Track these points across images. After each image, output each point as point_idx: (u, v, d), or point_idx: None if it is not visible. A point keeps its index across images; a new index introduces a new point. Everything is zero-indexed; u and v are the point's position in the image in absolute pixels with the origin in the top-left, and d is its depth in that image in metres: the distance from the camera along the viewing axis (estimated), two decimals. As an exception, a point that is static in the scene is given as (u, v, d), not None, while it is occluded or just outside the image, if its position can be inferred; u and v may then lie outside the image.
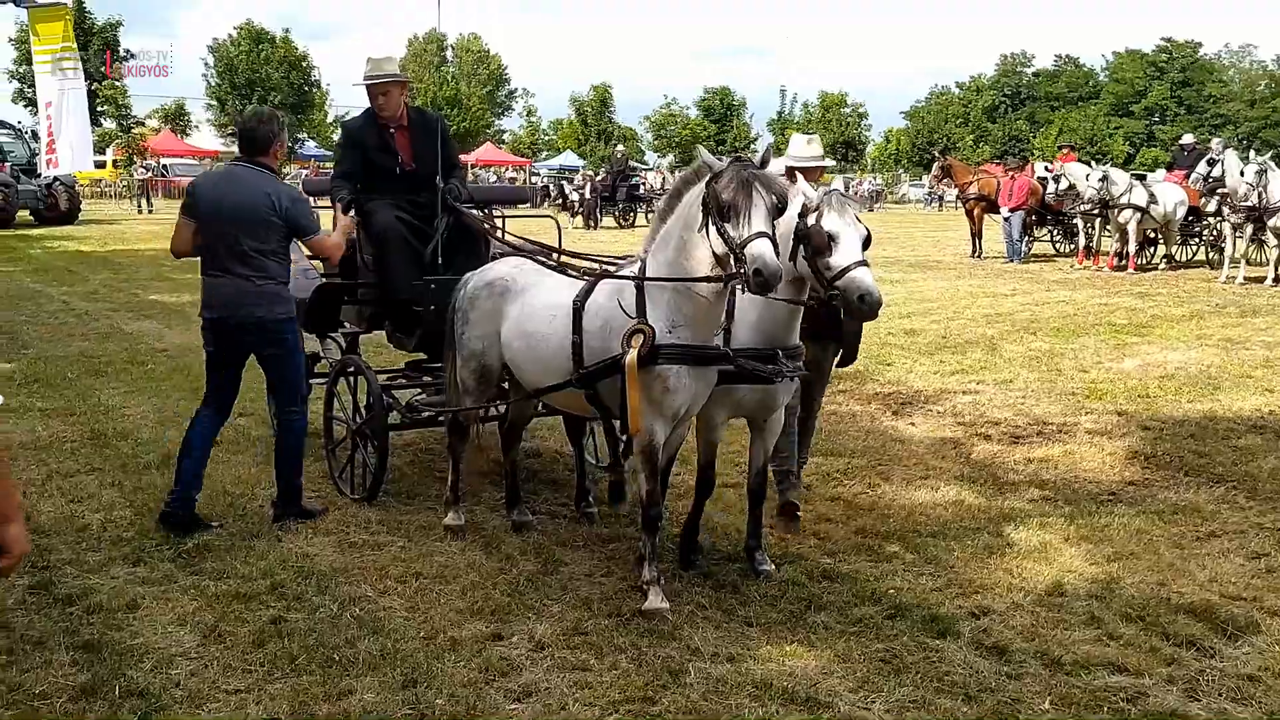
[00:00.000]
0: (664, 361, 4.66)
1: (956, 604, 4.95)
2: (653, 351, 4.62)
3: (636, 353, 4.61)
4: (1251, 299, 15.96)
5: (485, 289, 5.66)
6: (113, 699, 3.96)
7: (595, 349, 4.95)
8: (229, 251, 5.67)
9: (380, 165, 6.54)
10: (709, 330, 4.76)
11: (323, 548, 5.56)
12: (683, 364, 4.70)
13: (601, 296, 5.02)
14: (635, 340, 4.64)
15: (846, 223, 4.69)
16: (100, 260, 21.07)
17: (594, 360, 4.94)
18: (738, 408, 5.23)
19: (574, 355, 5.02)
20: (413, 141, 6.58)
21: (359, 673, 4.20)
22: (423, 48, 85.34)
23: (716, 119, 76.34)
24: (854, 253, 4.64)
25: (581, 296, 5.08)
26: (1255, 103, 77.51)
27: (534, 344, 5.29)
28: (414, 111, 6.78)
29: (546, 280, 5.49)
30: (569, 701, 4.02)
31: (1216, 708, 4.01)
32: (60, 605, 4.77)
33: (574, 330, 5.02)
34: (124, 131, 48.64)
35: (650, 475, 4.92)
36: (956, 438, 7.99)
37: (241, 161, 5.87)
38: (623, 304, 4.83)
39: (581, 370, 4.99)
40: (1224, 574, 5.27)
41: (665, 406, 4.77)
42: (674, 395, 4.75)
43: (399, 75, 6.68)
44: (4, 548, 2.46)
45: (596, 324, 4.97)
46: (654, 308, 4.75)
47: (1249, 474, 6.92)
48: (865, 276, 4.59)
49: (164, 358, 10.74)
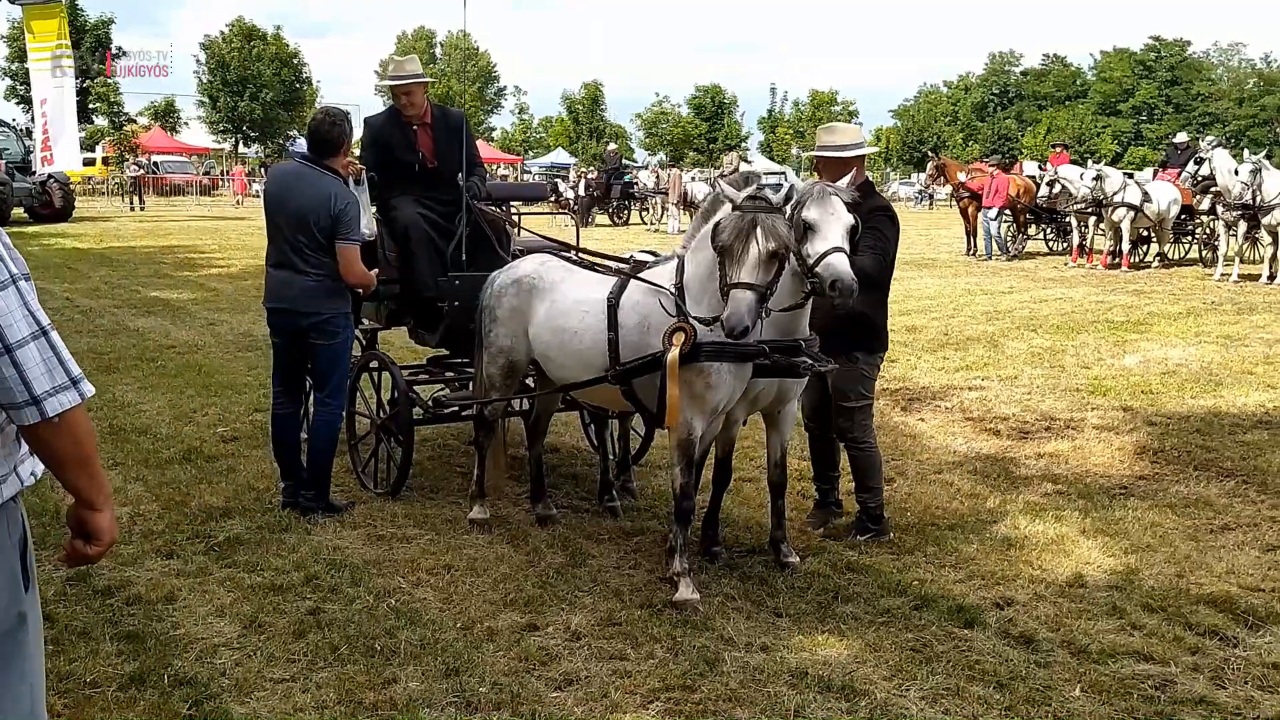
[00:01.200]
0: (706, 358, 4.76)
1: (980, 595, 5.04)
2: (695, 349, 4.72)
3: (678, 350, 4.70)
4: (1247, 296, 16.12)
5: (512, 286, 5.73)
6: (162, 688, 4.02)
7: (632, 344, 5.05)
8: (290, 247, 5.83)
9: (403, 162, 6.61)
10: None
11: (353, 541, 5.63)
12: (724, 360, 4.80)
13: (637, 293, 5.12)
14: (677, 338, 4.74)
15: (827, 212, 4.77)
16: (98, 257, 21.04)
17: (631, 356, 5.05)
18: (755, 403, 5.33)
19: (610, 351, 5.12)
20: (435, 139, 6.65)
21: (401, 662, 4.27)
22: (411, 44, 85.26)
23: (708, 117, 76.44)
24: (831, 239, 4.71)
25: (616, 293, 5.18)
26: (1244, 101, 77.92)
27: (566, 339, 5.38)
28: (437, 110, 6.85)
29: (575, 275, 5.58)
30: (610, 690, 4.10)
31: (1244, 695, 4.10)
32: (100, 597, 4.82)
33: (609, 327, 5.12)
34: (115, 129, 48.45)
35: (685, 468, 5.02)
36: (965, 433, 8.09)
37: (309, 162, 5.95)
38: (663, 302, 4.93)
39: (619, 366, 5.08)
40: (1241, 566, 5.37)
41: (706, 402, 4.89)
42: (715, 391, 4.87)
43: (423, 76, 6.75)
44: (94, 535, 2.52)
45: (633, 320, 5.07)
46: (695, 306, 4.85)
47: (1258, 468, 7.03)
48: (838, 262, 4.67)
49: (173, 354, 10.78)
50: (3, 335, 2.26)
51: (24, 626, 2.46)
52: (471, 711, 3.94)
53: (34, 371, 2.28)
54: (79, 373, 2.36)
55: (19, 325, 2.28)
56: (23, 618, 2.46)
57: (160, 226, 30.34)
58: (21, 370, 2.27)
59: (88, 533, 2.52)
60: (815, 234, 4.74)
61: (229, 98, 47.64)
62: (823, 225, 4.75)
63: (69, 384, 2.34)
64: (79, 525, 2.52)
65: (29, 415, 2.29)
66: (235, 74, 47.15)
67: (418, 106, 6.65)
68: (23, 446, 2.46)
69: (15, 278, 2.32)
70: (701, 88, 79.19)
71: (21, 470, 2.48)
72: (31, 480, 2.51)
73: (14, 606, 2.43)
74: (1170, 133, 38.34)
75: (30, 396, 2.28)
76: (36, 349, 2.29)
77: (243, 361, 10.47)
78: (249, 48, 47.72)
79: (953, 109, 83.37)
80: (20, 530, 2.48)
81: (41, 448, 2.40)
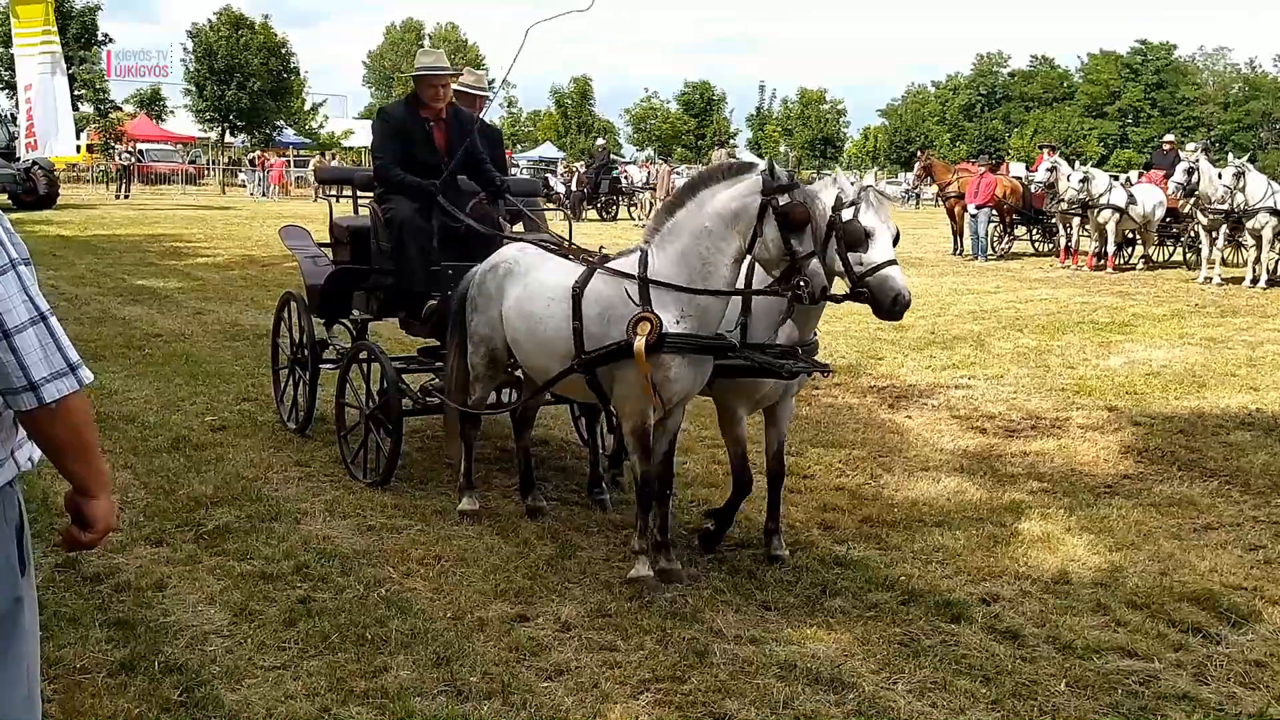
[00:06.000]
0: (670, 350, 4.76)
1: (967, 590, 5.08)
2: (660, 340, 4.72)
3: (644, 340, 4.69)
4: (1230, 299, 16.24)
5: (490, 272, 5.74)
6: (152, 674, 4.03)
7: (594, 335, 5.02)
8: None
9: (421, 160, 6.53)
10: (715, 324, 4.90)
11: (343, 530, 5.63)
12: (688, 354, 4.82)
13: (600, 283, 5.09)
14: (642, 328, 4.72)
15: (882, 220, 4.76)
16: (83, 245, 20.95)
17: (592, 346, 5.02)
18: (761, 401, 5.36)
19: (575, 340, 5.09)
20: (449, 136, 6.59)
21: (392, 651, 4.28)
22: (400, 36, 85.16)
23: (696, 113, 76.43)
24: (887, 251, 4.71)
25: (581, 283, 5.14)
26: (1229, 105, 78.45)
27: (533, 325, 5.37)
28: (450, 107, 6.76)
29: (548, 263, 5.57)
30: (600, 680, 4.12)
31: (1226, 691, 4.15)
32: (89, 584, 4.82)
33: (573, 316, 5.09)
34: (101, 116, 48.12)
35: (644, 456, 5.03)
36: (952, 431, 8.14)
37: None
38: (629, 292, 4.89)
39: (583, 355, 5.06)
40: (1223, 564, 5.42)
41: (663, 391, 4.87)
42: (673, 384, 4.86)
43: (454, 69, 6.79)
44: (91, 522, 2.52)
45: (595, 310, 5.04)
46: (664, 296, 4.82)
47: (1240, 469, 7.09)
48: (899, 276, 4.68)
49: (160, 342, 10.75)
50: (1, 320, 2.25)
51: (21, 610, 2.46)
52: (462, 700, 3.95)
53: (32, 357, 2.27)
54: (78, 359, 2.36)
55: (18, 310, 2.27)
56: (20, 602, 2.45)
57: (146, 215, 30.19)
58: (19, 356, 2.26)
59: (84, 519, 2.52)
60: (872, 242, 4.70)
61: (216, 86, 47.31)
62: (880, 234, 4.72)
63: (67, 370, 2.33)
64: (76, 511, 2.52)
65: (26, 401, 2.28)
66: (222, 63, 46.81)
67: (444, 102, 6.62)
68: (20, 432, 2.45)
69: (15, 262, 2.31)
70: (690, 84, 79.23)
71: (19, 455, 2.47)
72: (29, 466, 2.50)
73: (11, 591, 2.43)
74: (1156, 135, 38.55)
75: (28, 382, 2.27)
76: (35, 334, 2.28)
77: (230, 351, 10.44)
78: (237, 36, 47.39)
79: (940, 109, 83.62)
80: (17, 515, 2.48)
81: (39, 434, 2.39)
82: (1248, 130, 75.73)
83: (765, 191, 4.60)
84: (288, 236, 7.97)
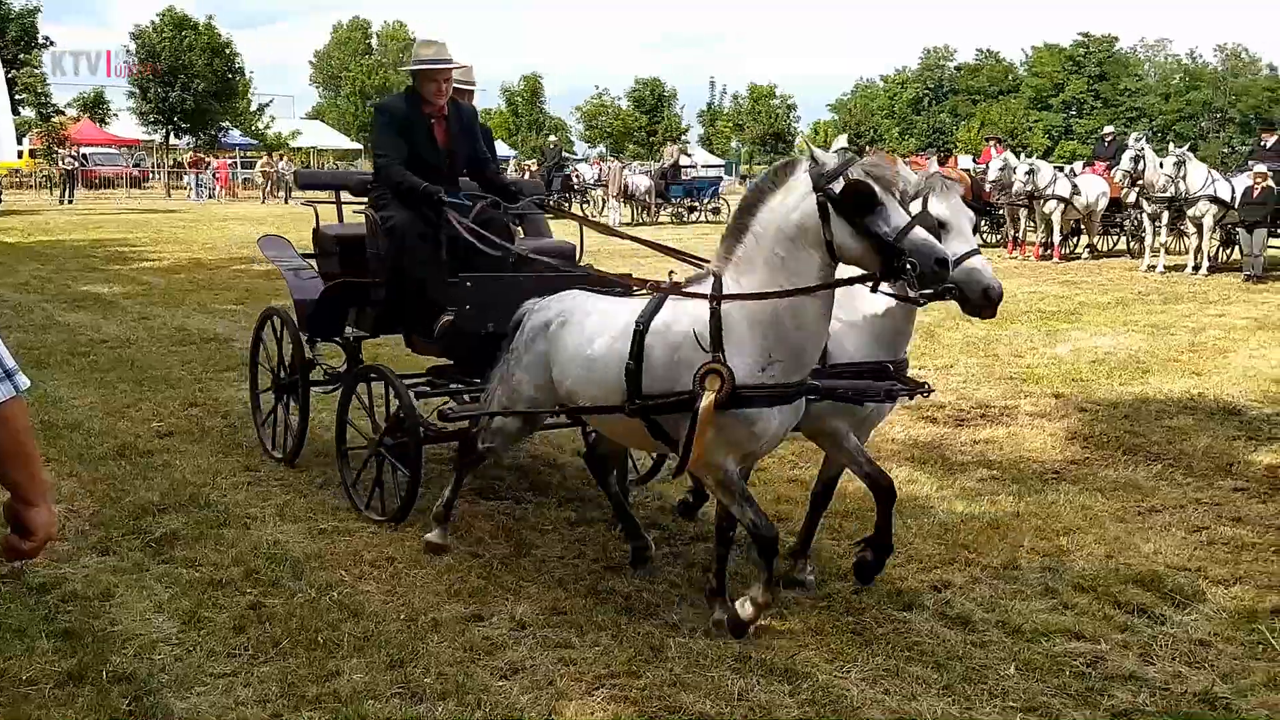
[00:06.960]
0: (749, 406, 4.15)
1: (919, 578, 5.14)
2: (735, 396, 4.10)
3: (714, 397, 4.07)
4: (1173, 286, 16.53)
5: (541, 330, 5.00)
6: (100, 684, 3.97)
7: (659, 378, 4.37)
8: None
9: (425, 160, 6.02)
10: (810, 363, 4.29)
11: (293, 535, 5.58)
12: (770, 405, 4.20)
13: (668, 317, 4.43)
14: (711, 382, 4.09)
15: (956, 207, 4.33)
16: (25, 251, 20.59)
17: (658, 389, 4.37)
18: (865, 422, 5.02)
19: (629, 382, 4.42)
20: (450, 133, 6.18)
21: (344, 655, 4.26)
22: (347, 35, 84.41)
23: (648, 110, 76.37)
24: (968, 240, 4.30)
25: (645, 318, 4.46)
26: (1169, 96, 79.78)
27: (592, 369, 4.66)
28: (450, 102, 6.24)
29: (603, 302, 4.94)
30: (555, 677, 4.12)
31: (1171, 671, 4.23)
32: (35, 594, 4.75)
33: (631, 355, 4.42)
34: (43, 120, 47.20)
35: (743, 503, 4.39)
36: (903, 420, 8.20)
37: None
38: (697, 334, 4.22)
39: (638, 400, 4.41)
40: (1167, 547, 5.52)
41: (746, 446, 4.36)
42: (759, 438, 4.31)
43: (457, 63, 6.20)
44: (30, 531, 2.48)
45: (658, 352, 4.39)
46: (745, 340, 4.16)
47: (1183, 452, 7.23)
48: (985, 267, 4.26)
49: (105, 349, 10.58)
50: None
51: None
52: (416, 702, 3.94)
53: (-33, 365, 2.25)
54: (14, 365, 2.33)
55: None
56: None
57: (90, 220, 29.65)
58: (-45, 363, 2.24)
59: (24, 528, 2.49)
60: (948, 233, 4.22)
61: (160, 88, 46.56)
62: (956, 223, 4.30)
63: (3, 376, 2.30)
64: (16, 520, 2.48)
65: None
66: (166, 64, 46.05)
67: (447, 97, 6.13)
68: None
69: None
70: (641, 80, 79.10)
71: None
72: None
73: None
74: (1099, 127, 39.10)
75: None
76: (-31, 342, 2.26)
77: (176, 356, 10.30)
78: (180, 38, 46.66)
79: (889, 103, 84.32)
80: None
81: None
82: (1189, 120, 77.09)
83: (817, 186, 3.98)
84: (267, 247, 7.25)
